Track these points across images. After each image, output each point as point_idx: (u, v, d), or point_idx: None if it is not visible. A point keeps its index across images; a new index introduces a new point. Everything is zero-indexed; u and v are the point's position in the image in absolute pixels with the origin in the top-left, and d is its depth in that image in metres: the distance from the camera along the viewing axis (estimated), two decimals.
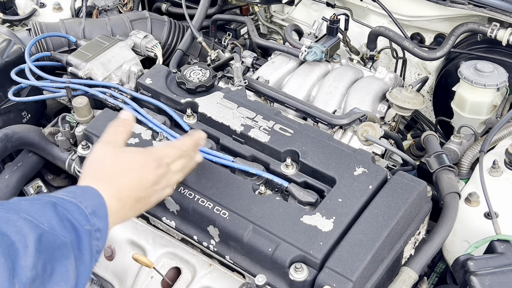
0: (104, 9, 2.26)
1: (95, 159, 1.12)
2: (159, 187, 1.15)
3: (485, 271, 1.22)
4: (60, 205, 0.96)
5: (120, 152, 1.12)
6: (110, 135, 1.15)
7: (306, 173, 1.42)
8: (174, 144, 1.23)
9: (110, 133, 1.16)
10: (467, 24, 1.80)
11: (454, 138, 1.65)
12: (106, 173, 1.08)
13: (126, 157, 1.11)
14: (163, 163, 1.15)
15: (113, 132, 1.16)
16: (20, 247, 0.85)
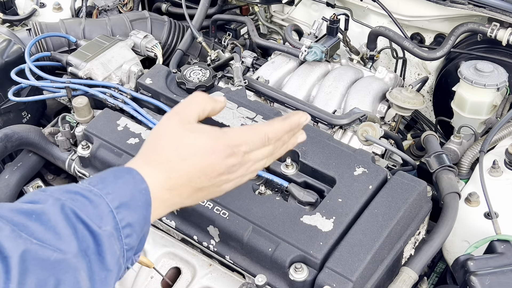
0: (104, 9, 2.26)
1: (155, 133, 0.94)
2: (232, 176, 0.96)
3: (485, 271, 1.22)
4: (69, 206, 0.83)
5: (185, 130, 0.92)
6: (183, 107, 0.95)
7: (306, 173, 1.42)
8: (258, 128, 0.97)
9: (184, 104, 0.96)
10: (467, 24, 1.80)
11: (454, 138, 1.65)
12: (161, 154, 0.91)
13: (190, 138, 0.91)
14: (238, 151, 0.93)
15: (188, 104, 0.95)
16: None
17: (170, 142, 0.91)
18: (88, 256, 0.82)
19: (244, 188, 1.36)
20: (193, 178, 0.92)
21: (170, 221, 1.41)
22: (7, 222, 0.78)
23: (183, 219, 1.39)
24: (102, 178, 0.89)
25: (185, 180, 0.91)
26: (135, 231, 0.87)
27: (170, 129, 0.93)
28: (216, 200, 1.34)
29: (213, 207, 1.33)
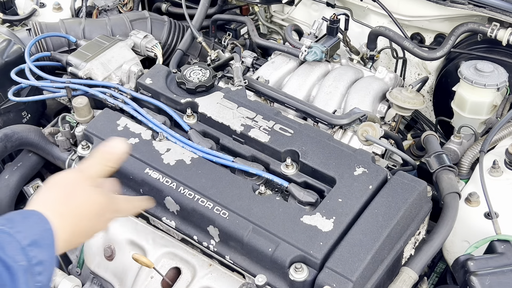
0: (104, 9, 2.26)
1: (57, 181, 1.03)
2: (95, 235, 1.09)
3: (485, 271, 1.22)
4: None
5: (92, 190, 1.03)
6: (88, 167, 1.07)
7: (306, 173, 1.42)
8: (134, 202, 1.18)
9: (89, 165, 1.07)
10: (467, 24, 1.80)
11: (454, 138, 1.65)
12: (68, 208, 0.99)
13: (87, 199, 1.02)
14: (115, 215, 1.09)
15: (93, 165, 1.07)
16: None
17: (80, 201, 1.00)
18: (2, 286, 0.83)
19: (244, 188, 1.36)
20: (84, 231, 1.02)
21: (170, 221, 1.41)
22: None
23: (183, 219, 1.39)
24: (9, 219, 0.92)
25: (81, 233, 1.01)
26: (46, 270, 0.90)
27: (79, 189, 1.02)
28: (216, 200, 1.34)
29: (213, 207, 1.33)
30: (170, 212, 1.40)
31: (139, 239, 1.49)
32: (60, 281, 1.47)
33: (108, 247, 1.51)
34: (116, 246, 1.51)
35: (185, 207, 1.36)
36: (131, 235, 1.50)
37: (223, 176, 1.40)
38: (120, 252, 1.50)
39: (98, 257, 1.53)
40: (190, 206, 1.35)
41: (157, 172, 1.42)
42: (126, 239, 1.50)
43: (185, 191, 1.37)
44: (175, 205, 1.38)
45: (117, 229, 1.51)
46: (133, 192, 1.47)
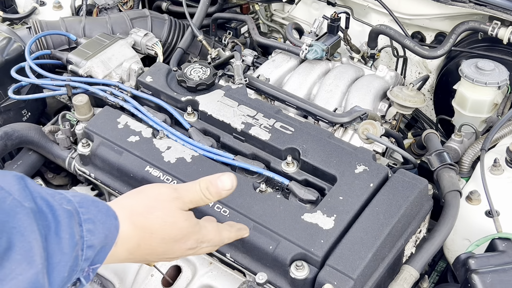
0: (104, 7, 2.26)
1: (151, 197, 0.97)
2: (171, 260, 1.05)
3: (486, 269, 1.22)
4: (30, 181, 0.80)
5: (176, 212, 0.97)
6: (186, 189, 1.00)
7: (307, 171, 1.42)
8: (222, 233, 1.07)
9: (188, 187, 1.00)
10: (468, 23, 1.80)
11: (455, 136, 1.65)
12: (144, 222, 0.93)
13: (176, 221, 0.97)
14: (199, 246, 1.02)
15: (191, 189, 1.00)
16: None
17: (158, 217, 0.95)
18: (45, 227, 0.78)
19: (245, 186, 1.36)
20: (154, 252, 0.96)
21: None
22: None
23: None
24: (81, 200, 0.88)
25: (148, 251, 0.95)
26: (96, 234, 0.84)
27: (163, 206, 0.96)
28: None
29: (213, 205, 1.33)
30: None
31: None
32: None
33: None
34: None
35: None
36: None
37: None
38: None
39: None
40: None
41: (157, 170, 1.41)
42: None
43: None
44: None
45: None
46: None
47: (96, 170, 1.54)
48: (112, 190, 1.52)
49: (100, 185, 1.56)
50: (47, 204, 0.80)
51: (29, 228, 0.76)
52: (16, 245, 0.74)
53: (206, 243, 1.03)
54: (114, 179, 1.51)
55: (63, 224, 0.80)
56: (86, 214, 0.84)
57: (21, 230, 0.75)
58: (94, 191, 1.67)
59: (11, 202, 0.76)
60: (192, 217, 1.00)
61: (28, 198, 0.78)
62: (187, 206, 0.99)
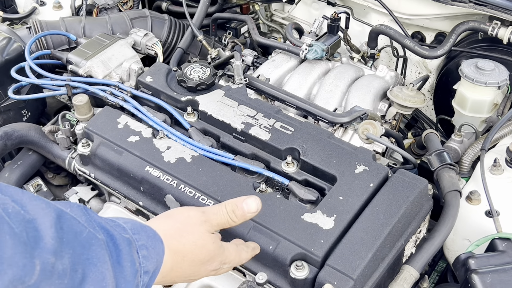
0: (104, 7, 2.26)
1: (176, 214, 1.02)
2: (193, 280, 1.08)
3: (486, 269, 1.22)
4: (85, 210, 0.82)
5: (205, 235, 1.01)
6: (213, 212, 1.04)
7: (307, 171, 1.42)
8: (242, 254, 1.12)
9: (216, 211, 1.05)
10: (468, 23, 1.80)
11: (455, 136, 1.65)
12: (178, 245, 0.97)
13: (204, 243, 1.01)
14: (222, 267, 1.07)
15: (218, 212, 1.05)
16: (39, 225, 0.72)
17: (190, 241, 0.98)
18: (110, 256, 0.80)
19: (245, 186, 1.36)
20: (183, 274, 0.99)
21: None
22: None
23: None
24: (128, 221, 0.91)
25: (178, 273, 0.98)
26: (150, 260, 0.87)
27: (194, 229, 1.00)
28: (217, 198, 1.34)
29: (213, 205, 1.32)
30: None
31: None
32: None
33: None
34: None
35: (185, 205, 1.36)
36: None
37: (224, 174, 1.40)
38: None
39: None
40: (191, 204, 1.35)
41: (157, 170, 1.41)
42: None
43: (185, 189, 1.37)
44: (176, 203, 1.37)
45: None
46: (134, 190, 1.47)
47: (96, 170, 1.54)
48: (112, 190, 1.52)
49: (100, 185, 1.56)
50: (107, 233, 0.82)
51: (102, 258, 0.78)
52: (90, 276, 0.76)
53: (227, 264, 1.07)
54: (114, 179, 1.51)
55: (124, 252, 0.83)
56: (140, 240, 0.87)
57: (94, 261, 0.77)
58: (94, 191, 1.67)
59: (87, 235, 0.78)
60: (218, 240, 1.04)
61: (97, 230, 0.81)
62: (214, 229, 1.03)
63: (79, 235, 0.77)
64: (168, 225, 0.98)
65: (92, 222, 0.82)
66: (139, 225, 0.91)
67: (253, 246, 1.18)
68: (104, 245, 0.79)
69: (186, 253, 0.97)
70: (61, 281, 0.73)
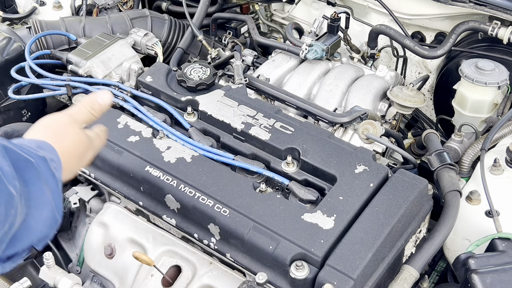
0: (104, 7, 2.26)
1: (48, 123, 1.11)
2: None
3: (486, 269, 1.22)
4: None
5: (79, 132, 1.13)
6: (77, 112, 1.16)
7: (307, 171, 1.42)
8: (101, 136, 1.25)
9: (78, 110, 1.17)
10: (468, 23, 1.80)
11: (455, 136, 1.65)
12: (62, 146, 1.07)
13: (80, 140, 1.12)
14: (94, 153, 1.19)
15: (81, 111, 1.17)
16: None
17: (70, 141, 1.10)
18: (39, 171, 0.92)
19: (245, 186, 1.36)
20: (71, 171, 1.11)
21: (170, 219, 1.40)
22: None
23: (183, 217, 1.39)
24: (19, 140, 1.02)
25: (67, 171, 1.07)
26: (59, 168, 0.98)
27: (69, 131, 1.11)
28: (217, 198, 1.34)
29: (213, 205, 1.33)
30: (171, 210, 1.40)
31: (140, 237, 1.48)
32: (60, 279, 1.47)
33: (108, 245, 1.51)
34: (117, 244, 1.50)
35: (185, 205, 1.36)
36: (132, 233, 1.50)
37: (224, 174, 1.40)
38: (121, 250, 1.50)
39: (98, 255, 1.52)
40: (191, 204, 1.35)
41: (157, 170, 1.41)
42: (126, 237, 1.50)
43: (185, 189, 1.37)
44: (176, 203, 1.37)
45: (117, 228, 1.51)
46: (133, 190, 1.47)
47: (96, 170, 1.54)
48: (112, 190, 1.52)
49: (100, 185, 1.56)
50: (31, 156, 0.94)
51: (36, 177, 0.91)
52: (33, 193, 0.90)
53: (97, 149, 1.20)
54: (114, 179, 1.50)
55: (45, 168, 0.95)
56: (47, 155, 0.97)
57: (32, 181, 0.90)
58: (94, 191, 1.67)
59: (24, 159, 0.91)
60: (87, 133, 1.15)
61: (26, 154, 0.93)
62: (81, 125, 1.15)
63: (19, 160, 0.89)
64: (48, 134, 1.07)
65: (20, 147, 0.93)
66: (37, 143, 1.00)
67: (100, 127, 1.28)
68: (35, 165, 0.91)
69: (71, 152, 1.07)
70: (21, 201, 0.86)
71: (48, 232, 0.93)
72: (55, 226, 0.94)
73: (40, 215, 0.90)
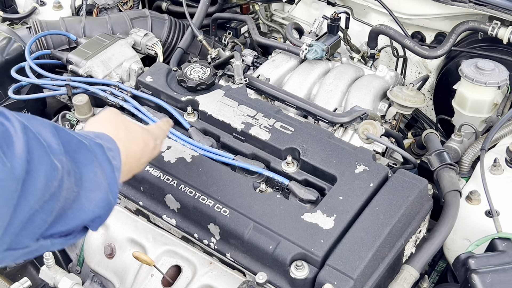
0: (104, 7, 2.26)
1: (110, 116, 1.14)
2: (145, 164, 1.21)
3: (486, 269, 1.22)
4: None
5: (131, 122, 1.17)
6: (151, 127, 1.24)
7: (307, 171, 1.42)
8: (161, 126, 1.30)
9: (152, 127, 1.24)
10: (468, 23, 1.80)
11: (455, 136, 1.65)
12: (119, 133, 1.09)
13: (136, 129, 1.16)
14: (156, 142, 1.22)
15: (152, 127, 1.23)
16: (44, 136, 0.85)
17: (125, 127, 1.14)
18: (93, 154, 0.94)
19: (245, 186, 1.36)
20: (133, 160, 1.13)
21: (170, 219, 1.40)
22: None
23: (183, 217, 1.39)
24: None
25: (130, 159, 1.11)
26: (116, 157, 0.99)
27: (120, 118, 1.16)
28: (217, 198, 1.34)
29: (213, 205, 1.33)
30: (171, 210, 1.40)
31: (140, 237, 1.49)
32: (61, 279, 1.47)
33: (108, 245, 1.51)
34: (117, 244, 1.51)
35: (185, 205, 1.36)
36: (132, 233, 1.50)
37: (224, 174, 1.40)
38: (121, 250, 1.50)
39: (99, 255, 1.53)
40: (191, 204, 1.35)
41: (157, 169, 1.42)
42: (126, 237, 1.50)
43: (185, 189, 1.37)
44: (176, 202, 1.37)
45: (117, 227, 1.51)
46: (133, 190, 1.47)
47: None
48: None
49: None
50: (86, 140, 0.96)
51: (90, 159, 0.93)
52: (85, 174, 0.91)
53: (159, 139, 1.24)
54: None
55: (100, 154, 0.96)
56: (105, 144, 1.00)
57: (85, 162, 0.92)
58: None
59: (76, 141, 0.93)
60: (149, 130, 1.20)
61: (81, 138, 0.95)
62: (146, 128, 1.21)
63: (71, 141, 0.91)
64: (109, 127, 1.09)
65: (72, 132, 0.96)
66: (98, 134, 1.03)
67: (165, 119, 1.32)
68: (89, 149, 0.93)
69: (128, 142, 1.09)
70: (70, 178, 0.88)
71: (101, 213, 0.93)
72: (109, 209, 0.95)
73: (93, 196, 0.92)
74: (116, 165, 0.98)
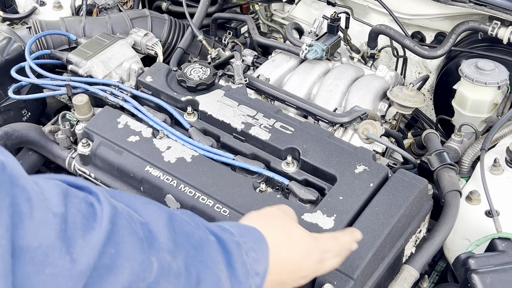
0: (104, 7, 2.26)
1: (273, 213, 1.00)
2: (305, 280, 0.99)
3: (486, 269, 1.22)
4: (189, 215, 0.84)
5: (296, 226, 1.00)
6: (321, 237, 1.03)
7: (307, 171, 1.42)
8: (338, 237, 1.07)
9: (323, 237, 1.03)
10: (468, 23, 1.80)
11: (455, 136, 1.65)
12: (274, 233, 0.93)
13: (300, 233, 0.98)
14: (324, 256, 1.00)
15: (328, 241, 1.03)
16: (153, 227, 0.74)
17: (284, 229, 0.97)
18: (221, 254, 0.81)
19: (245, 186, 1.36)
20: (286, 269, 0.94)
21: None
22: None
23: None
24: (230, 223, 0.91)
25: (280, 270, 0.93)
26: (259, 262, 0.85)
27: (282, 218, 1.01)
28: (217, 198, 1.34)
29: (213, 205, 1.33)
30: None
31: None
32: None
33: None
34: None
35: (185, 205, 1.36)
36: None
37: (224, 174, 1.40)
38: None
39: None
40: (191, 204, 1.35)
41: (157, 169, 1.42)
42: None
43: (185, 189, 1.37)
44: (176, 202, 1.37)
45: None
46: (134, 190, 1.47)
47: (96, 170, 1.54)
48: None
49: (100, 185, 1.56)
50: (216, 236, 0.83)
51: (215, 260, 0.79)
52: (204, 278, 0.78)
53: (330, 253, 1.02)
54: (114, 179, 1.51)
55: (235, 254, 0.83)
56: (248, 243, 0.86)
57: (207, 263, 0.78)
58: None
59: (198, 236, 0.80)
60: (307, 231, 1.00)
61: (207, 232, 0.82)
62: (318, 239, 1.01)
63: (191, 236, 0.79)
64: (263, 222, 0.96)
65: (201, 225, 0.83)
66: (244, 227, 0.90)
67: (350, 230, 1.10)
68: (216, 247, 0.80)
69: (284, 247, 0.93)
70: (177, 281, 0.74)
71: None
72: None
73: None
74: (255, 268, 0.83)
